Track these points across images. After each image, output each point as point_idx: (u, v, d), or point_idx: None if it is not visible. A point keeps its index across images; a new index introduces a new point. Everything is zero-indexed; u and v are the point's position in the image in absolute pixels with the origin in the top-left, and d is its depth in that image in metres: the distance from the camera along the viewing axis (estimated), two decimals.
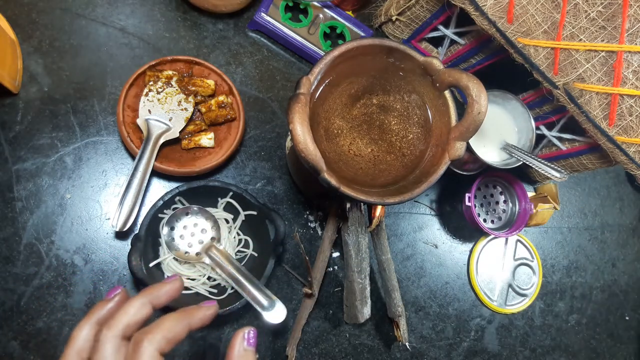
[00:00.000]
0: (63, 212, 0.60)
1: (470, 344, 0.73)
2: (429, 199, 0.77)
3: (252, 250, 0.63)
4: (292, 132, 0.45)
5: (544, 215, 0.73)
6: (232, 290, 0.61)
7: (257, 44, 0.72)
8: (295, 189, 0.69)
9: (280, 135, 0.70)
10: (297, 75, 0.73)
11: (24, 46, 0.63)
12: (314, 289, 0.63)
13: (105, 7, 0.67)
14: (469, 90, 0.49)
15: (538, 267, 0.79)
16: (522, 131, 0.69)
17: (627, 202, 0.87)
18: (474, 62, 0.71)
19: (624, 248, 0.86)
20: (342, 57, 0.51)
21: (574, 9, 0.52)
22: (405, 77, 0.56)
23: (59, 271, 0.59)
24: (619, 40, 0.51)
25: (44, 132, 0.61)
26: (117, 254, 0.61)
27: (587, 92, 0.55)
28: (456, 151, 0.52)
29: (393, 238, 0.73)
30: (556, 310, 0.79)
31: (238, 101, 0.65)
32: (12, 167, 0.60)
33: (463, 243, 0.77)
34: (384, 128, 0.57)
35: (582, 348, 0.79)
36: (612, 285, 0.83)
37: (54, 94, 0.62)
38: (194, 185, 0.60)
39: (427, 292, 0.73)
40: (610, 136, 0.56)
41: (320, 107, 0.54)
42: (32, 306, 0.57)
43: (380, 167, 0.56)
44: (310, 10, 0.72)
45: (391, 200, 0.51)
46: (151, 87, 0.62)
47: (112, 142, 0.64)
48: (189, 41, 0.69)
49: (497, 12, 0.55)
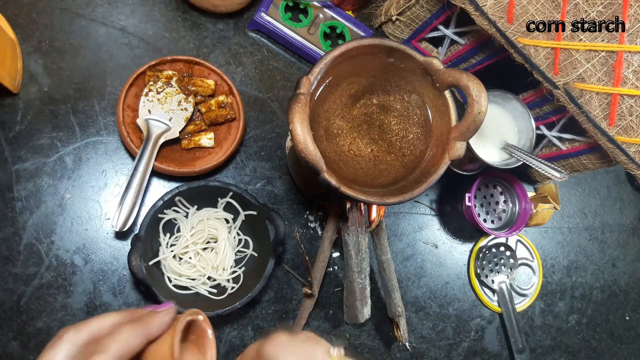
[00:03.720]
0: (63, 212, 0.60)
1: (470, 344, 0.73)
2: (429, 199, 0.77)
3: (252, 250, 0.63)
4: (292, 132, 0.45)
5: (544, 215, 0.73)
6: (232, 290, 0.61)
7: (257, 44, 0.72)
8: (295, 189, 0.69)
9: (280, 135, 0.70)
10: (297, 75, 0.72)
11: (24, 46, 0.63)
12: (314, 289, 0.63)
13: (105, 7, 0.67)
14: (469, 90, 0.49)
15: (538, 267, 0.79)
16: (522, 131, 0.69)
17: (627, 202, 0.87)
18: (474, 62, 0.71)
19: (624, 248, 0.85)
20: (342, 57, 0.51)
21: (574, 9, 0.52)
22: (405, 77, 0.56)
23: (59, 271, 0.59)
24: (619, 40, 0.51)
25: (44, 132, 0.61)
26: (117, 254, 0.61)
27: (587, 92, 0.55)
28: (456, 151, 0.52)
29: (393, 238, 0.73)
30: (556, 310, 0.79)
31: (238, 101, 0.65)
32: (12, 167, 0.60)
33: (463, 243, 0.77)
34: (384, 128, 0.57)
35: (582, 348, 0.79)
36: (612, 285, 0.83)
37: (54, 94, 0.62)
38: (194, 185, 0.60)
39: (427, 292, 0.73)
40: (611, 136, 0.56)
41: (320, 107, 0.54)
42: (32, 306, 0.57)
43: (380, 167, 0.56)
44: (310, 10, 0.72)
45: (391, 200, 0.51)
46: (151, 87, 0.62)
47: (112, 142, 0.64)
48: (189, 41, 0.69)
49: (497, 12, 0.55)
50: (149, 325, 0.33)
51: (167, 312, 0.35)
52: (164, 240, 0.60)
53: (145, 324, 0.33)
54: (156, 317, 0.34)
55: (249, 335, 0.63)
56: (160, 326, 0.34)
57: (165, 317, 0.34)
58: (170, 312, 0.35)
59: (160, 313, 0.35)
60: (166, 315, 0.35)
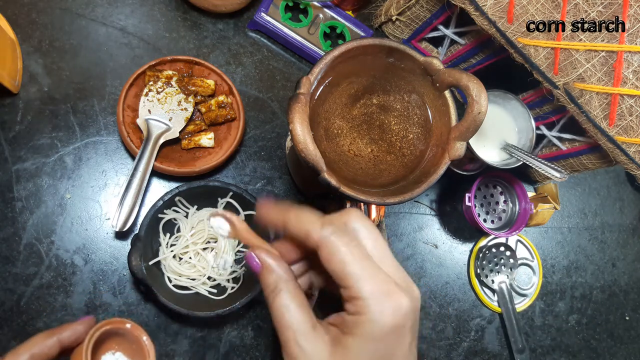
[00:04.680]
0: (63, 212, 0.60)
1: (470, 344, 0.73)
2: (429, 199, 0.77)
3: None
4: (292, 132, 0.45)
5: (544, 215, 0.73)
6: (232, 290, 0.61)
7: (257, 44, 0.72)
8: (295, 189, 0.69)
9: (280, 135, 0.70)
10: (297, 75, 0.73)
11: (24, 46, 0.63)
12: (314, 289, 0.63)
13: (105, 7, 0.67)
14: (469, 90, 0.49)
15: (538, 267, 0.79)
16: (522, 131, 0.69)
17: (627, 202, 0.87)
18: (474, 62, 0.71)
19: (624, 248, 0.85)
20: (342, 57, 0.51)
21: (574, 9, 0.52)
22: (405, 77, 0.56)
23: (59, 271, 0.59)
24: (619, 40, 0.51)
25: (44, 132, 0.61)
26: (117, 254, 0.61)
27: (587, 92, 0.55)
28: (456, 151, 0.52)
29: (393, 238, 0.73)
30: (556, 310, 0.79)
31: (238, 101, 0.65)
32: (12, 167, 0.60)
33: (463, 243, 0.77)
34: (384, 128, 0.57)
35: (582, 348, 0.79)
36: (612, 285, 0.83)
37: (54, 94, 0.62)
38: (194, 185, 0.60)
39: (427, 292, 0.73)
40: (611, 136, 0.56)
41: (320, 107, 0.54)
42: (32, 306, 0.57)
43: (380, 167, 0.56)
44: (310, 10, 0.72)
45: (391, 200, 0.51)
46: (151, 87, 0.62)
47: (112, 142, 0.64)
48: (189, 41, 0.69)
49: (497, 12, 0.55)
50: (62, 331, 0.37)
51: (83, 323, 0.38)
52: (164, 240, 0.60)
53: (58, 330, 0.37)
54: (70, 325, 0.38)
55: (249, 335, 0.63)
56: (73, 332, 0.37)
57: (79, 326, 0.38)
58: (85, 323, 0.38)
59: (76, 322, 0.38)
60: (81, 324, 0.38)
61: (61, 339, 0.36)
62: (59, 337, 0.36)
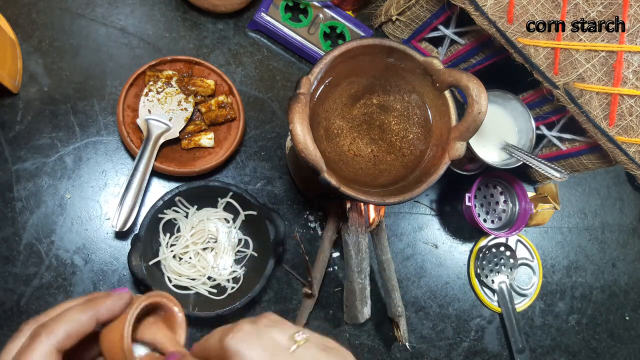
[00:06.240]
0: (63, 212, 0.60)
1: (470, 344, 0.73)
2: (429, 199, 0.77)
3: (252, 250, 0.63)
4: (292, 132, 0.45)
5: (544, 215, 0.73)
6: (232, 290, 0.61)
7: (257, 44, 0.72)
8: (295, 189, 0.69)
9: (280, 135, 0.70)
10: (297, 75, 0.72)
11: (24, 46, 0.63)
12: (314, 289, 0.63)
13: (105, 7, 0.67)
14: (469, 90, 0.49)
15: (538, 267, 0.79)
16: (522, 131, 0.69)
17: (627, 202, 0.87)
18: (474, 62, 0.71)
19: (624, 248, 0.85)
20: (342, 57, 0.51)
21: (574, 9, 0.52)
22: (405, 77, 0.56)
23: (59, 271, 0.59)
24: (619, 40, 0.51)
25: (44, 132, 0.61)
26: (117, 254, 0.61)
27: (587, 92, 0.55)
28: (456, 151, 0.52)
29: (393, 238, 0.73)
30: (556, 310, 0.79)
31: (238, 101, 0.65)
32: (12, 167, 0.60)
33: (463, 243, 0.77)
34: (384, 128, 0.57)
35: (582, 348, 0.79)
36: (612, 285, 0.83)
37: (54, 94, 0.62)
38: (194, 185, 0.60)
39: (427, 292, 0.73)
40: (611, 136, 0.56)
41: (320, 107, 0.54)
42: (32, 306, 0.57)
43: (380, 167, 0.56)
44: (310, 10, 0.72)
45: (391, 200, 0.51)
46: (151, 87, 0.62)
47: (112, 142, 0.64)
48: (189, 41, 0.69)
49: (497, 12, 0.55)
50: (98, 305, 0.32)
51: (120, 297, 0.34)
52: (164, 240, 0.60)
53: (94, 304, 0.32)
54: (107, 298, 0.33)
55: None
56: (111, 308, 0.33)
57: (117, 301, 0.34)
58: (123, 296, 0.34)
59: (113, 296, 0.34)
60: (119, 299, 0.34)
61: (98, 316, 0.32)
62: (96, 314, 0.32)
